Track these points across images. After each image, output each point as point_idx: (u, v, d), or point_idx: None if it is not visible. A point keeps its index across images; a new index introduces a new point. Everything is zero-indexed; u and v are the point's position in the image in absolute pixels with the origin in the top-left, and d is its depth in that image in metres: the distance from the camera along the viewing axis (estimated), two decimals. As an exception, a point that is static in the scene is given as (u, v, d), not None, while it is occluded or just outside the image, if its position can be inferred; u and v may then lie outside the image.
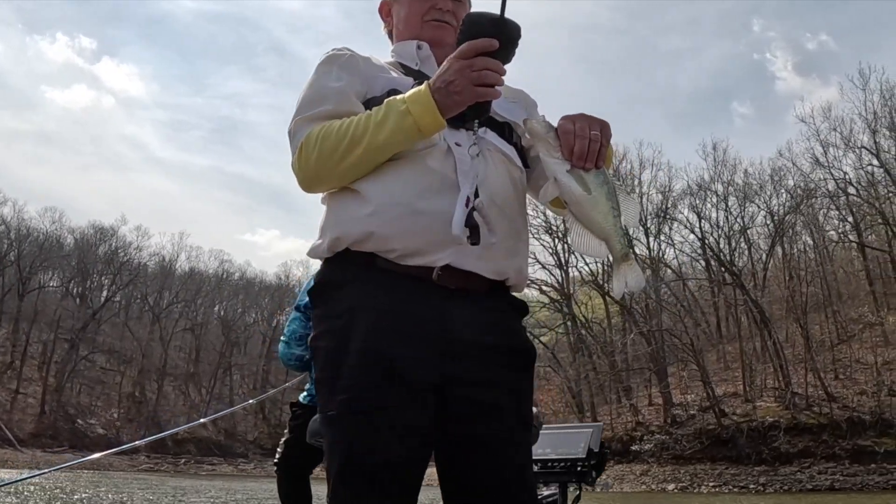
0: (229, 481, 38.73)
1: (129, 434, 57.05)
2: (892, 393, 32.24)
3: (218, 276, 73.14)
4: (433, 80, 1.59)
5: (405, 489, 1.61)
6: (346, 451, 1.60)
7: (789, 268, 41.20)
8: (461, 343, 1.65)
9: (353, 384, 1.60)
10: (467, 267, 1.66)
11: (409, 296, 1.64)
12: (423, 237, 1.63)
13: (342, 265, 1.70)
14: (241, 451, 58.93)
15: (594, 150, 1.55)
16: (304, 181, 1.73)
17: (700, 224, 41.62)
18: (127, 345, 65.02)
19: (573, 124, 1.57)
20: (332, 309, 1.69)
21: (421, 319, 1.63)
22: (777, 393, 35.32)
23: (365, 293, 1.65)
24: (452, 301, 1.66)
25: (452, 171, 1.67)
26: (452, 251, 1.64)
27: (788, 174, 42.49)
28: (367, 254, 1.66)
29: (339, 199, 1.74)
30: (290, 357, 4.38)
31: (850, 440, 30.50)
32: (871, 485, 27.97)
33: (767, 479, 29.93)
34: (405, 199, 1.64)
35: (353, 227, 1.67)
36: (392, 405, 1.58)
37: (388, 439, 1.57)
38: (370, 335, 1.61)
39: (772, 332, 36.25)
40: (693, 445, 33.75)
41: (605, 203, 1.59)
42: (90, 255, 66.29)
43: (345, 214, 1.70)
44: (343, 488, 1.61)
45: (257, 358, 69.41)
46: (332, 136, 1.65)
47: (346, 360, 1.61)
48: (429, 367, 1.62)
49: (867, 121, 40.60)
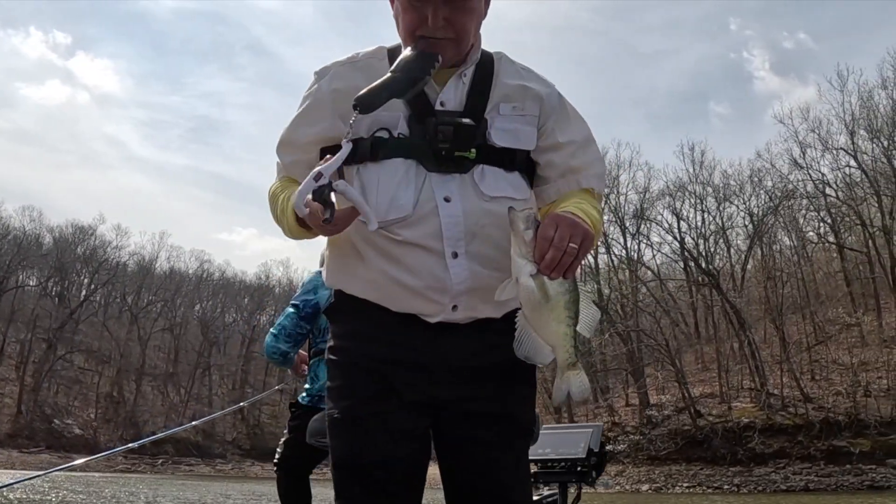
0: (225, 483, 38.39)
1: (107, 434, 56.72)
2: (868, 394, 32.34)
3: (198, 275, 72.79)
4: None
5: (403, 487, 1.73)
6: (346, 450, 1.73)
7: (767, 269, 41.23)
8: (451, 369, 1.74)
9: (355, 393, 1.74)
10: (454, 321, 1.74)
11: (403, 332, 1.74)
12: (414, 307, 1.72)
13: (346, 300, 1.82)
14: (220, 452, 58.55)
15: (566, 262, 1.50)
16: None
17: (678, 225, 41.62)
18: (105, 344, 64.47)
19: (554, 231, 1.51)
20: (340, 330, 1.84)
21: (414, 349, 1.73)
22: (753, 394, 35.36)
23: (364, 324, 1.78)
24: (444, 334, 1.74)
25: (438, 241, 1.68)
26: (441, 316, 1.72)
27: (767, 175, 42.63)
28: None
29: (336, 251, 1.85)
30: (275, 351, 4.29)
31: (825, 441, 30.56)
32: (845, 485, 28.04)
33: (742, 480, 29.96)
34: (396, 274, 1.70)
35: (350, 286, 1.80)
36: (390, 412, 1.71)
37: (385, 441, 1.69)
38: (369, 357, 1.75)
39: (748, 332, 36.23)
40: (668, 446, 33.74)
41: (562, 311, 1.57)
42: (69, 253, 65.69)
43: (341, 270, 1.83)
44: (345, 483, 1.74)
45: (236, 358, 69.09)
46: (272, 203, 1.85)
47: (351, 372, 1.76)
48: (421, 390, 1.73)
49: (845, 122, 40.81)
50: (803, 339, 39.16)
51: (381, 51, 1.87)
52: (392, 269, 1.71)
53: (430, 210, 1.68)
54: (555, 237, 1.49)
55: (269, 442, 59.25)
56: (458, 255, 1.68)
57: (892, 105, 39.47)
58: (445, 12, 1.70)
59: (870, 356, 35.33)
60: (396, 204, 1.68)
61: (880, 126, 39.54)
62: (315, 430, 3.76)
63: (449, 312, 1.72)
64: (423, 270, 1.69)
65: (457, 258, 1.68)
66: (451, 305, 1.71)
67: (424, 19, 1.71)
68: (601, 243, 43.82)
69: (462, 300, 1.71)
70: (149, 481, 33.99)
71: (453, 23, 1.71)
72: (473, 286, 1.70)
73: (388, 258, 1.71)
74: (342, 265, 1.82)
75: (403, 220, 1.68)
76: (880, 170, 39.47)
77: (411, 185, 1.69)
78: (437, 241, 1.68)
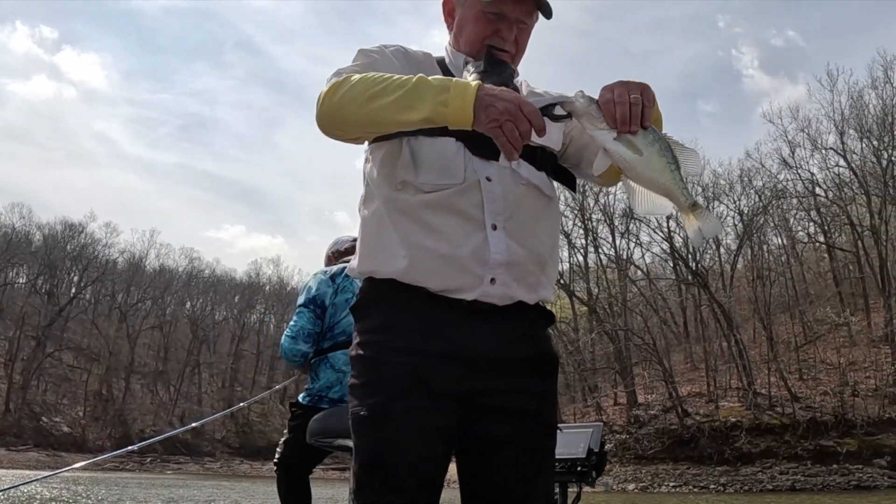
0: (218, 481, 38.29)
1: (95, 432, 56.60)
2: (856, 393, 32.35)
3: (188, 273, 72.60)
4: (488, 87, 1.57)
5: (426, 486, 1.71)
6: (371, 449, 1.71)
7: (756, 268, 41.22)
8: (484, 358, 1.74)
9: (384, 388, 1.72)
10: (491, 301, 1.76)
11: (437, 317, 1.74)
12: (452, 280, 1.74)
13: (379, 287, 1.81)
14: (209, 450, 58.43)
15: (636, 112, 1.56)
16: (321, 115, 1.73)
17: (667, 223, 41.52)
18: (94, 342, 64.28)
19: (612, 92, 1.58)
20: (369, 324, 1.82)
21: (448, 338, 1.73)
22: (740, 393, 35.34)
23: (397, 312, 1.77)
24: (478, 319, 1.75)
25: (480, 212, 1.75)
26: (479, 290, 1.73)
27: (757, 174, 42.57)
28: (402, 283, 1.77)
29: (372, 233, 1.85)
30: (295, 353, 4.25)
31: (812, 440, 30.57)
32: (832, 485, 28.05)
33: (728, 480, 29.90)
34: (434, 245, 1.74)
35: (385, 267, 1.79)
36: (418, 408, 1.69)
37: (414, 439, 1.68)
38: (400, 350, 1.73)
39: (735, 332, 36.23)
40: (655, 445, 33.67)
41: (659, 160, 1.59)
42: (58, 251, 65.47)
43: (378, 253, 1.82)
44: (366, 482, 1.71)
45: (226, 356, 68.96)
46: (367, 79, 1.66)
47: (379, 368, 1.74)
48: (454, 380, 1.72)
49: (835, 122, 40.82)
50: (792, 338, 39.18)
51: (430, 57, 2.01)
52: (432, 240, 1.75)
53: (473, 183, 1.76)
54: (615, 96, 1.57)
55: (257, 440, 59.27)
56: (497, 228, 1.76)
57: (881, 105, 39.55)
58: (515, 31, 1.91)
59: (858, 356, 35.37)
60: (448, 172, 1.77)
61: (870, 126, 39.60)
62: (315, 430, 3.73)
63: (487, 285, 1.75)
64: (464, 240, 1.74)
65: (496, 230, 1.75)
66: (490, 278, 1.75)
67: (497, 32, 1.89)
68: (591, 242, 43.85)
69: (500, 274, 1.75)
70: (147, 482, 33.77)
71: (518, 41, 1.93)
72: (510, 260, 1.75)
73: (428, 230, 1.76)
74: (377, 247, 1.83)
75: (453, 186, 1.76)
76: (869, 170, 39.52)
77: (461, 160, 1.78)
78: (478, 211, 1.75)
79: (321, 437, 3.69)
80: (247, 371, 67.84)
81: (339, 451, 3.96)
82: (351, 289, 4.29)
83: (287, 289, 72.88)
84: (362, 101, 1.64)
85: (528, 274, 1.79)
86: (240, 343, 68.54)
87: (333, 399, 4.19)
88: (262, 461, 52.21)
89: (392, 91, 1.61)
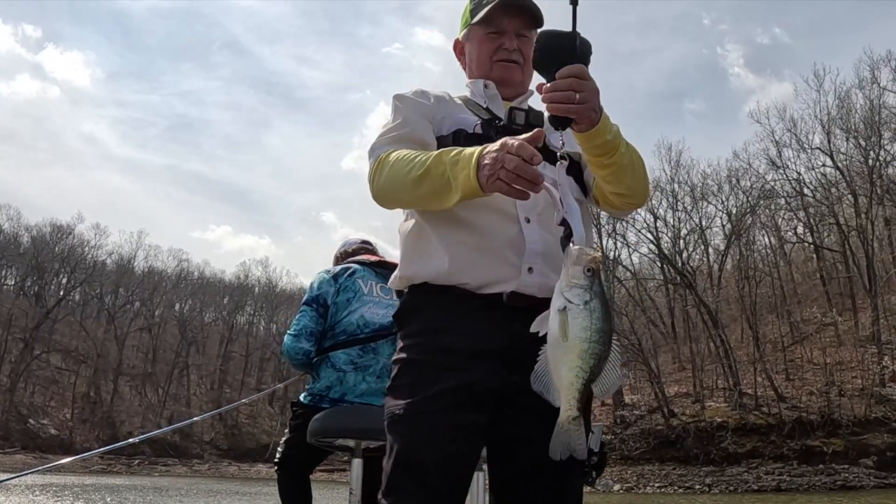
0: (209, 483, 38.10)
1: (83, 435, 56.38)
2: (843, 393, 32.33)
3: (176, 274, 72.34)
4: (482, 152, 1.65)
5: (455, 485, 1.77)
6: (406, 447, 1.76)
7: (744, 269, 41.23)
8: (522, 355, 1.73)
9: (422, 388, 1.78)
10: (530, 292, 1.82)
11: (479, 317, 1.82)
12: (491, 272, 1.82)
13: (420, 294, 1.91)
14: (197, 452, 58.13)
15: (559, 99, 1.63)
16: (374, 195, 1.92)
17: (655, 224, 41.50)
18: (82, 344, 64.03)
19: (567, 80, 1.64)
20: (411, 330, 1.90)
21: (489, 337, 1.81)
22: (726, 393, 35.33)
23: (440, 316, 1.85)
24: (518, 317, 1.77)
25: (514, 207, 1.85)
26: (517, 281, 1.81)
27: (745, 175, 42.58)
28: (443, 285, 1.85)
29: (412, 240, 1.97)
30: (298, 351, 4.22)
31: (798, 440, 30.58)
32: (818, 485, 27.98)
33: (714, 480, 29.82)
34: (472, 240, 1.84)
35: (426, 268, 1.89)
36: (452, 407, 1.75)
37: (448, 438, 1.74)
38: (438, 350, 1.81)
39: (721, 332, 36.22)
40: (640, 446, 33.64)
41: (576, 359, 1.52)
42: (46, 253, 65.21)
43: (418, 256, 1.92)
44: (397, 480, 1.76)
45: (215, 358, 68.66)
46: (398, 164, 1.82)
47: (417, 369, 1.83)
48: (492, 377, 1.79)
49: (822, 122, 40.88)
50: (780, 339, 39.20)
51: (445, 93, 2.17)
52: (470, 236, 1.85)
53: None
54: (565, 83, 1.63)
55: (246, 442, 59.04)
56: (530, 221, 1.86)
57: (868, 105, 39.60)
58: (517, 42, 2.10)
59: (845, 356, 35.41)
60: None
61: (856, 126, 39.65)
62: (315, 430, 3.74)
63: (525, 275, 1.82)
64: (501, 233, 1.84)
65: (529, 223, 1.86)
66: (528, 267, 1.83)
67: (501, 45, 2.10)
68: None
69: (537, 263, 1.83)
70: (149, 486, 33.58)
71: (523, 52, 2.10)
72: (545, 251, 1.84)
73: (465, 227, 1.86)
74: (417, 251, 1.93)
75: None
76: (856, 169, 39.58)
77: None
78: (511, 207, 1.85)
79: (322, 437, 3.72)
80: (236, 373, 67.59)
81: (340, 450, 4.03)
82: (353, 288, 4.28)
83: (276, 290, 72.84)
84: (398, 187, 1.83)
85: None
86: (229, 345, 68.32)
87: (334, 399, 4.16)
88: (251, 463, 52.01)
89: (417, 178, 1.76)
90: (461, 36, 2.23)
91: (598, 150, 1.78)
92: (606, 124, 1.74)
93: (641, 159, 1.92)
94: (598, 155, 1.79)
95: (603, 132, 1.73)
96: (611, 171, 1.84)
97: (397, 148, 1.90)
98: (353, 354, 4.17)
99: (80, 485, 28.73)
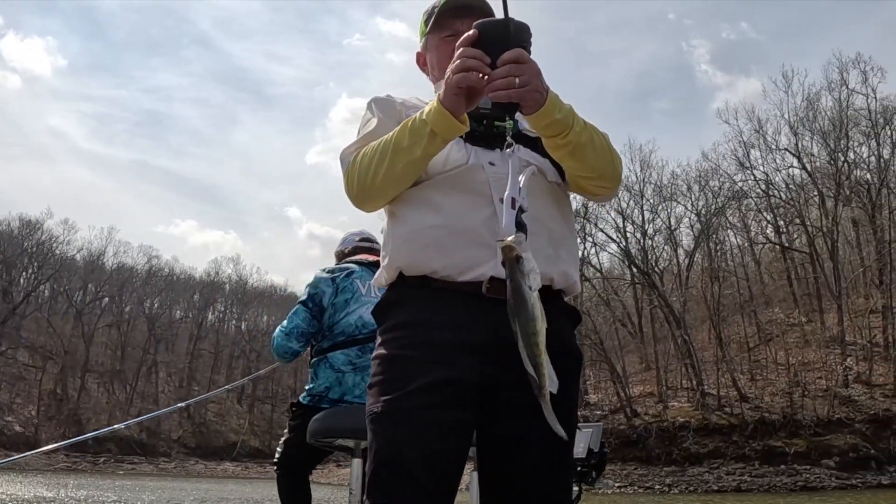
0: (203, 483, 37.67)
1: (49, 432, 55.75)
2: (806, 394, 32.35)
3: (146, 271, 71.76)
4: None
5: (442, 483, 1.70)
6: (385, 446, 1.70)
7: (710, 269, 41.31)
8: (507, 346, 1.64)
9: (403, 384, 1.71)
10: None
11: (460, 309, 1.75)
12: (467, 255, 1.76)
13: (400, 288, 1.86)
14: (164, 451, 57.74)
15: (508, 94, 1.61)
16: (353, 200, 1.90)
17: (623, 224, 41.46)
18: (49, 341, 63.37)
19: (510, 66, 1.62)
20: (390, 325, 1.84)
21: (470, 329, 1.74)
22: (689, 393, 35.34)
23: (419, 309, 1.79)
24: (497, 307, 1.68)
25: (487, 188, 1.80)
26: (495, 262, 1.71)
27: (714, 175, 42.65)
28: (420, 276, 1.80)
29: (388, 233, 1.93)
30: (286, 350, 4.26)
31: (760, 441, 30.61)
32: (778, 486, 28.08)
33: (674, 480, 29.88)
34: (442, 221, 1.79)
35: (401, 255, 1.84)
36: (435, 402, 1.68)
37: (432, 435, 1.67)
38: (417, 344, 1.75)
39: (685, 332, 36.26)
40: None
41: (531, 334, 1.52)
42: (14, 248, 64.44)
43: (394, 249, 1.88)
44: (380, 480, 1.70)
45: (183, 355, 68.26)
46: (367, 154, 1.82)
47: (396, 364, 1.76)
48: (475, 370, 1.72)
49: (790, 123, 41.04)
50: (745, 339, 39.29)
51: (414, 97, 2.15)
52: (441, 217, 1.79)
53: (476, 165, 1.83)
54: (504, 69, 1.60)
55: (214, 440, 58.68)
56: (504, 202, 1.75)
57: (837, 107, 39.75)
58: None
59: (811, 357, 35.52)
60: (452, 159, 1.83)
61: (824, 127, 39.79)
62: (315, 430, 3.71)
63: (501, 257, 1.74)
64: (473, 213, 1.78)
65: (504, 203, 1.75)
66: None
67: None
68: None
69: None
70: (128, 485, 33.13)
71: None
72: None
73: (436, 209, 1.81)
74: (392, 243, 1.89)
75: (459, 168, 1.83)
76: (824, 171, 39.72)
77: (462, 149, 1.85)
78: (485, 187, 1.80)
79: (321, 437, 3.70)
80: (204, 370, 67.19)
81: (339, 451, 4.05)
82: (351, 289, 4.27)
83: (246, 287, 72.50)
84: (372, 175, 1.79)
85: (543, 247, 1.77)
86: (198, 342, 67.92)
87: (333, 399, 4.18)
88: (218, 461, 51.67)
89: (388, 152, 1.77)
90: (421, 47, 2.21)
91: (549, 129, 1.73)
92: (555, 103, 1.70)
93: (604, 138, 1.87)
94: (551, 136, 1.74)
95: (550, 111, 1.69)
96: (568, 151, 1.78)
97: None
98: (351, 355, 4.18)
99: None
